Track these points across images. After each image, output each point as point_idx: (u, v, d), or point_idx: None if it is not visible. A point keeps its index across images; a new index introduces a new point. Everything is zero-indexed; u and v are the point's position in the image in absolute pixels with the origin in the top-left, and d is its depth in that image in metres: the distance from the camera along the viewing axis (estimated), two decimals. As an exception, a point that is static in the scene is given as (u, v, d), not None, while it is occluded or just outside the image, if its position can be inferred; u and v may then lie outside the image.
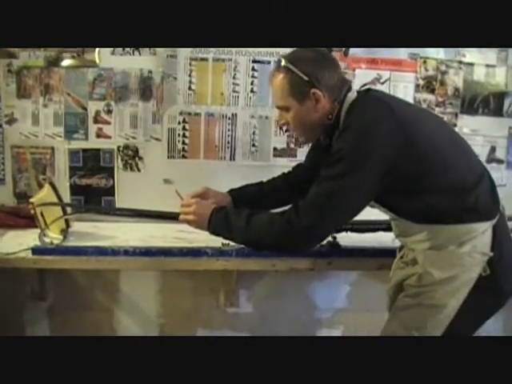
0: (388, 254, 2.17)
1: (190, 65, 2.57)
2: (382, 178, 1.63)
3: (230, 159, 2.65)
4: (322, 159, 1.81)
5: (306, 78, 1.72)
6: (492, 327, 2.26)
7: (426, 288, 1.75)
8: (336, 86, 1.76)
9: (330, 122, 1.78)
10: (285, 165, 2.59)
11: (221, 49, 2.56)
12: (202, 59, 2.57)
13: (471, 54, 2.77)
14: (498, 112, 2.87)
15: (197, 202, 1.90)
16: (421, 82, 2.74)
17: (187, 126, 2.61)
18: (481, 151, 2.82)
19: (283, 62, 1.76)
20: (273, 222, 1.72)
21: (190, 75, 2.58)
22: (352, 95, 1.78)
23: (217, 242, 2.11)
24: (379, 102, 1.76)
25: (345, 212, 1.69)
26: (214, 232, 1.85)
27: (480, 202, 1.72)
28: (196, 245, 2.16)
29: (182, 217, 1.91)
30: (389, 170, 1.62)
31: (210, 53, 2.56)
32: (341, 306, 2.81)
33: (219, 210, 1.84)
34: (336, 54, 2.58)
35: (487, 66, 2.83)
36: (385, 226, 2.20)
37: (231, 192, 2.14)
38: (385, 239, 2.24)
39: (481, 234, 1.71)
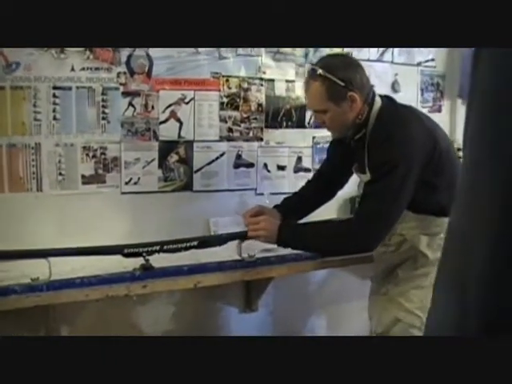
0: (204, 270, 2.22)
1: (-14, 95, 2.42)
2: (418, 179, 1.99)
3: (37, 190, 2.52)
4: (344, 153, 2.30)
5: (342, 83, 2.02)
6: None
7: (421, 271, 2.10)
8: (365, 87, 2.09)
9: (359, 122, 2.09)
10: (94, 191, 2.54)
11: (18, 76, 2.44)
12: (-1, 88, 2.44)
13: (272, 70, 2.90)
14: (300, 124, 3.02)
15: (264, 219, 2.20)
16: (225, 100, 2.79)
17: (-13, 160, 2.45)
18: (288, 162, 2.98)
19: (319, 71, 2.02)
20: (338, 230, 2.15)
21: (-14, 105, 2.43)
22: (378, 100, 2.13)
23: (26, 278, 2.04)
24: (410, 111, 2.17)
25: (396, 216, 2.02)
26: (284, 243, 2.18)
27: None
28: (4, 283, 2.04)
29: (251, 233, 2.20)
30: (422, 171, 1.99)
31: (8, 81, 2.43)
32: (167, 329, 2.79)
33: (286, 224, 2.19)
34: (139, 76, 2.59)
35: (287, 81, 2.97)
36: (196, 244, 2.20)
37: (276, 207, 2.41)
38: (199, 256, 2.28)
39: None
